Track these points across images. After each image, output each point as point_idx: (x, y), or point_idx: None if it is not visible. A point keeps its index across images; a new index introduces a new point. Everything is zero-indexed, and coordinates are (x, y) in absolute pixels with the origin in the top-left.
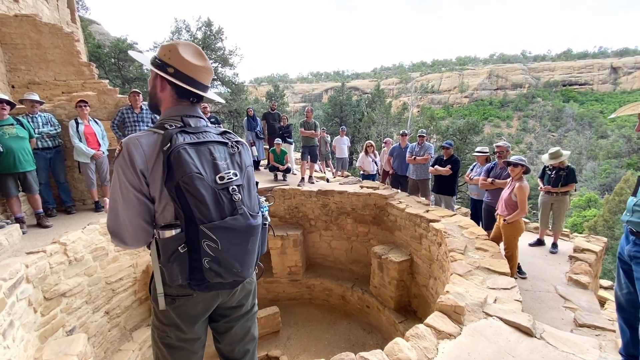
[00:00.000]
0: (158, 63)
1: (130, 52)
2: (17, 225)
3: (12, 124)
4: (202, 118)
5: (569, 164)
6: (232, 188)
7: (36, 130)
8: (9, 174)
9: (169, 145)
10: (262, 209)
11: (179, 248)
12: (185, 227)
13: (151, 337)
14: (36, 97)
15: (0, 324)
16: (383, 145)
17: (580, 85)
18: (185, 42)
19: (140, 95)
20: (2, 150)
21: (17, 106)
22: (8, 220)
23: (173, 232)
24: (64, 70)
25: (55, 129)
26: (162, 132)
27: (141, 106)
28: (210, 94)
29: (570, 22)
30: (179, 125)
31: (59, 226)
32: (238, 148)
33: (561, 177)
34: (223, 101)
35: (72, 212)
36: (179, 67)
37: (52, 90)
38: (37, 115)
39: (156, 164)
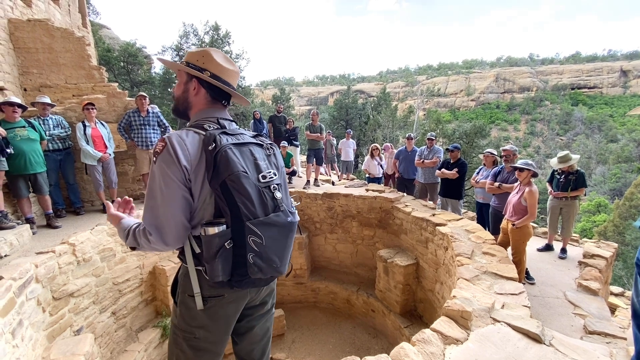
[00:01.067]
0: (196, 68)
1: (158, 58)
2: (28, 225)
3: (23, 126)
4: (233, 121)
5: (579, 168)
6: (273, 186)
7: (47, 132)
8: (20, 175)
9: (214, 145)
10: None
11: (226, 244)
12: (232, 223)
13: (171, 340)
14: (48, 100)
15: (10, 322)
16: (382, 151)
17: (589, 88)
18: (214, 48)
19: (147, 98)
20: (13, 152)
21: (28, 109)
22: (19, 221)
23: (216, 229)
24: (75, 73)
25: (66, 132)
26: (203, 132)
27: (147, 109)
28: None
29: (578, 26)
30: (216, 127)
31: (68, 227)
32: (273, 150)
33: (570, 182)
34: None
35: (81, 213)
36: (214, 71)
37: (63, 93)
38: (48, 118)
39: (199, 163)
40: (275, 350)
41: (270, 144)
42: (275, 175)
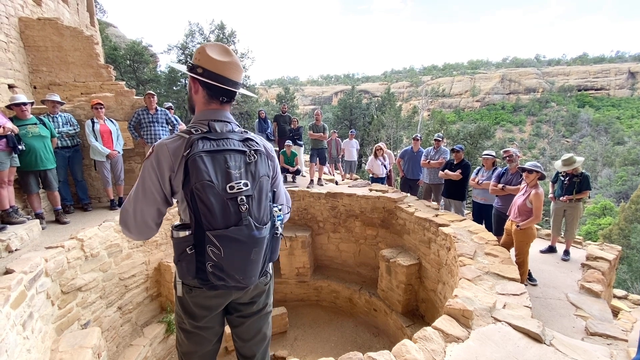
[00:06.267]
0: (190, 66)
1: (171, 64)
2: (37, 220)
3: (35, 124)
4: (229, 122)
5: (583, 171)
6: (241, 198)
7: (56, 129)
8: (31, 171)
9: (188, 151)
10: (277, 219)
11: (187, 249)
12: (194, 230)
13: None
14: (57, 98)
15: (21, 315)
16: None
17: (596, 90)
18: (214, 43)
19: (155, 96)
20: (24, 148)
21: (34, 105)
22: (29, 216)
23: (184, 233)
24: (83, 72)
25: (74, 129)
26: (187, 137)
27: (156, 107)
28: (242, 90)
29: (586, 27)
30: (204, 130)
31: (76, 223)
32: (255, 157)
33: (575, 184)
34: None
35: (89, 209)
36: (206, 66)
37: (72, 91)
38: (57, 115)
39: (179, 168)
40: (278, 347)
41: (255, 150)
42: (247, 186)
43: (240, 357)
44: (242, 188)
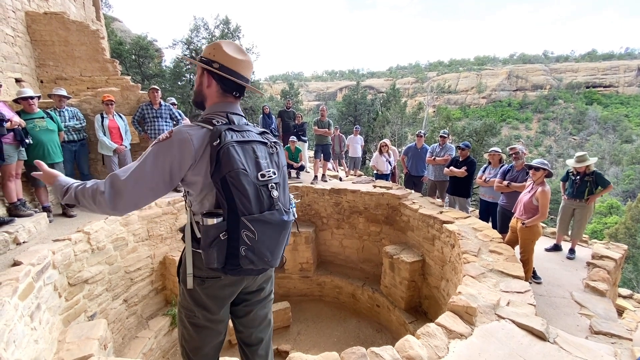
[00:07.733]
0: (204, 61)
1: (182, 57)
2: (45, 214)
3: (42, 117)
4: (243, 116)
5: (595, 169)
6: (271, 185)
7: (63, 123)
8: None
9: (218, 141)
10: (291, 206)
11: (220, 235)
12: (227, 217)
13: (177, 318)
14: (64, 92)
15: (29, 306)
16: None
17: (604, 87)
18: (227, 40)
19: (159, 91)
20: (32, 142)
21: (41, 99)
22: (36, 209)
23: (215, 220)
24: (90, 66)
25: (81, 123)
26: (211, 127)
27: (160, 102)
28: (250, 86)
29: (595, 24)
30: (224, 122)
31: (82, 216)
32: (276, 148)
33: (587, 183)
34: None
35: None
36: (223, 62)
37: (78, 86)
38: (64, 110)
39: (203, 157)
40: (281, 341)
41: (274, 142)
42: (275, 174)
43: (246, 346)
44: (271, 176)
